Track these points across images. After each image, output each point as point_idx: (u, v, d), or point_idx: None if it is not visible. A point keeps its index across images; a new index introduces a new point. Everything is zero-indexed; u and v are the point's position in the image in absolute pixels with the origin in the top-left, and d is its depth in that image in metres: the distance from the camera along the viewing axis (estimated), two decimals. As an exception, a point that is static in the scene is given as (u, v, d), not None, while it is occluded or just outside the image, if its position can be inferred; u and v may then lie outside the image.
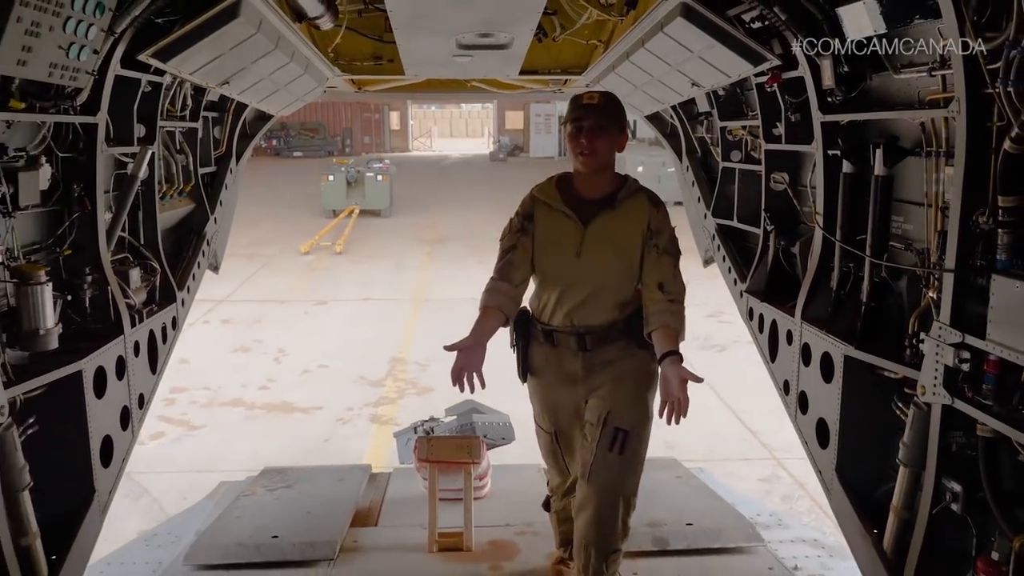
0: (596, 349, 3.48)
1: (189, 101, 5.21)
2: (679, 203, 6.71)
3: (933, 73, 3.16)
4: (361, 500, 5.58)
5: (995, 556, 2.91)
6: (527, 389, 3.74)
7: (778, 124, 4.61)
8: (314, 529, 4.80)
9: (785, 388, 4.53)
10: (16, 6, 2.87)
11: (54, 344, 3.47)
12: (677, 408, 3.14)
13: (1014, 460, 2.86)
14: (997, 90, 2.68)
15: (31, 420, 3.36)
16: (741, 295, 5.19)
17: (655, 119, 6.84)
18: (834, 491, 3.97)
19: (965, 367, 2.96)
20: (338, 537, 4.70)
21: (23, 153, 3.51)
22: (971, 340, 2.92)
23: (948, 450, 3.13)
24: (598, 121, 3.35)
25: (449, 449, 4.82)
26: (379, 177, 27.10)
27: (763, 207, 4.88)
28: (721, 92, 5.35)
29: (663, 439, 7.18)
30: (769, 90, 4.48)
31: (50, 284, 3.42)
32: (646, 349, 3.46)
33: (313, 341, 12.95)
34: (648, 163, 26.54)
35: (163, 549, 5.26)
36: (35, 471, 3.26)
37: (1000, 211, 2.80)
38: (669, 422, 3.16)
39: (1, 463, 3.05)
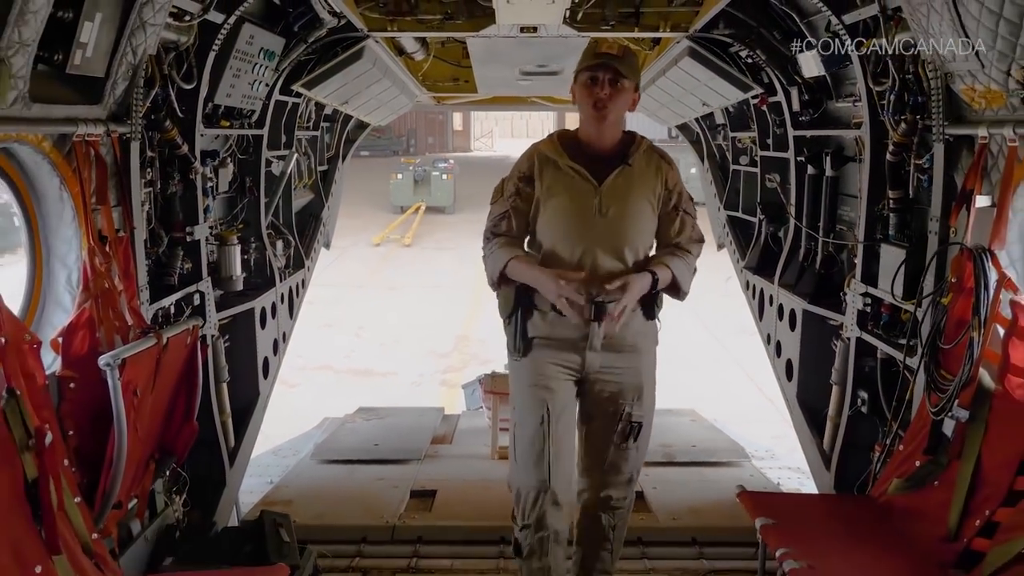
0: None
1: (312, 115, 6.78)
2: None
3: (856, 104, 4.47)
4: (438, 430, 7.10)
5: (886, 441, 4.21)
6: (511, 371, 3.36)
7: (768, 136, 5.91)
8: (404, 441, 6.33)
9: (767, 340, 5.85)
10: (231, 59, 4.44)
11: (239, 287, 5.06)
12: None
13: (897, 373, 4.16)
14: (884, 118, 4.01)
15: (225, 337, 4.92)
16: (741, 271, 6.51)
17: (683, 128, 8.18)
18: (795, 412, 5.29)
19: (868, 309, 4.28)
20: (423, 447, 6.20)
21: (218, 156, 5.09)
22: (871, 290, 4.24)
23: (861, 370, 4.44)
24: (618, 73, 3.05)
25: (508, 384, 6.26)
26: (444, 176, 28.81)
27: (758, 200, 6.19)
28: (731, 109, 6.66)
29: (689, 405, 8.53)
30: (761, 109, 5.79)
31: (239, 246, 5.01)
32: (655, 319, 3.29)
33: (388, 320, 14.61)
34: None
35: (287, 459, 6.92)
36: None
37: (890, 201, 4.12)
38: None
39: (214, 361, 4.61)
